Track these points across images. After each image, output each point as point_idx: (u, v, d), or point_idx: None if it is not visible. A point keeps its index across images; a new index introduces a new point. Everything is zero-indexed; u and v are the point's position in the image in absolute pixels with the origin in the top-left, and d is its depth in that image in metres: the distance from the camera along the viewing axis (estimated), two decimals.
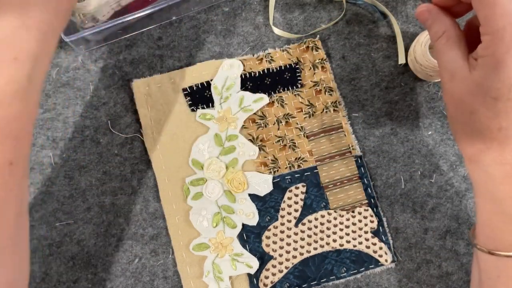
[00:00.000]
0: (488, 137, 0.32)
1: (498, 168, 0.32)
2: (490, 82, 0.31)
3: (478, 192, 0.35)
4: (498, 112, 0.31)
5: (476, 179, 0.34)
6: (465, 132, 0.34)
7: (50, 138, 0.48)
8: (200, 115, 0.48)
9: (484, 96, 0.31)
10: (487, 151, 0.32)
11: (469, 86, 0.32)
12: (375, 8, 0.51)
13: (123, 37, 0.49)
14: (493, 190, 0.33)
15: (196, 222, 0.46)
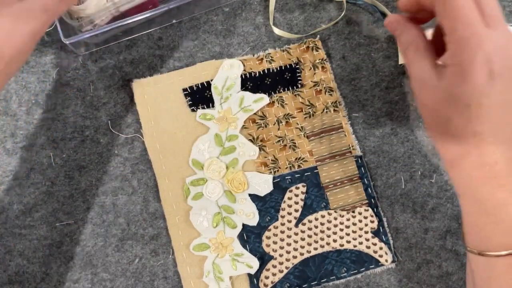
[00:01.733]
0: (464, 143, 0.33)
1: (477, 171, 0.33)
2: (460, 89, 0.32)
3: (462, 195, 0.35)
4: (470, 118, 0.32)
5: (458, 183, 0.35)
6: (442, 138, 0.34)
7: (50, 138, 0.48)
8: (200, 115, 0.48)
9: (456, 103, 0.32)
10: (466, 156, 0.33)
11: (440, 94, 0.33)
12: (375, 8, 0.51)
13: (123, 40, 0.49)
14: (475, 192, 0.33)
15: (196, 222, 0.46)
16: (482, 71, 0.31)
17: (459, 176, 0.34)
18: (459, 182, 0.35)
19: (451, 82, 0.32)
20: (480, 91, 0.31)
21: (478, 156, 0.32)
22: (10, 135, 0.48)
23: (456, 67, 0.32)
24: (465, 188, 0.34)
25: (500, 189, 0.32)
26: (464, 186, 0.34)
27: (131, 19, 0.44)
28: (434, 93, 0.33)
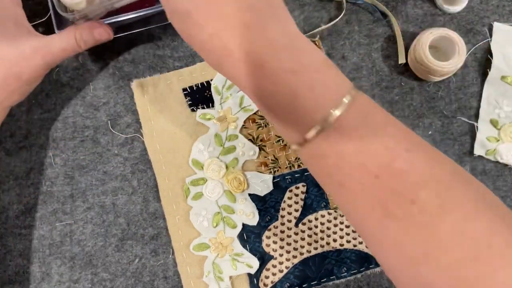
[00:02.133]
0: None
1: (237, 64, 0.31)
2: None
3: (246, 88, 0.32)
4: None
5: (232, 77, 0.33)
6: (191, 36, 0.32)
7: (50, 138, 0.48)
8: (200, 115, 0.48)
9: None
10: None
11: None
12: (375, 8, 0.51)
13: (122, 35, 0.49)
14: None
15: (196, 222, 0.46)
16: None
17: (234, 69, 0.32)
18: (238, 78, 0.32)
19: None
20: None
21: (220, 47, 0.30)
22: (10, 135, 0.48)
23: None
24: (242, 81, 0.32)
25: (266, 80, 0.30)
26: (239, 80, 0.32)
27: (125, 16, 0.44)
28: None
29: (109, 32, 0.43)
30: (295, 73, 0.30)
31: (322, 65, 0.31)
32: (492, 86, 0.49)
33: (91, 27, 0.42)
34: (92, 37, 0.42)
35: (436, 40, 0.48)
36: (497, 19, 0.51)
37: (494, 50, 0.50)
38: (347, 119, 0.29)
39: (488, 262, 0.26)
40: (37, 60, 0.40)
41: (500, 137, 0.48)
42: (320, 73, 0.30)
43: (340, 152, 0.29)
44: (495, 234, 0.27)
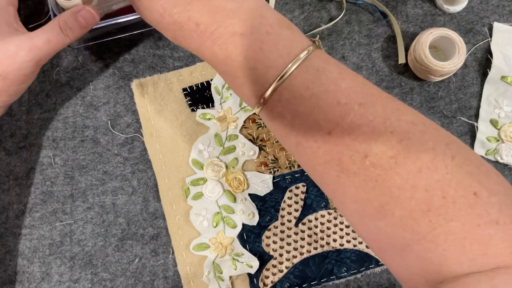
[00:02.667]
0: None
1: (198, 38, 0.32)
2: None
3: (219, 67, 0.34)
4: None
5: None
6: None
7: (50, 138, 0.48)
8: (200, 115, 0.48)
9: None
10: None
11: None
12: (375, 8, 0.51)
13: (121, 36, 0.49)
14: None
15: (196, 222, 0.46)
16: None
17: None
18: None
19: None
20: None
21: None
22: (10, 135, 0.48)
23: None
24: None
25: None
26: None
27: (123, 18, 0.44)
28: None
29: (93, 14, 0.42)
30: (244, 35, 0.30)
31: (274, 26, 0.31)
32: (492, 86, 0.49)
33: (74, 12, 0.40)
34: (77, 22, 0.41)
35: (436, 40, 0.48)
36: (497, 19, 0.51)
37: (494, 50, 0.50)
38: (299, 77, 0.29)
39: (440, 213, 0.26)
40: (22, 57, 0.38)
41: (500, 137, 0.48)
42: (271, 34, 0.30)
43: (294, 111, 0.30)
44: (450, 185, 0.26)
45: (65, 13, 0.41)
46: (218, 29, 0.31)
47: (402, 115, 0.29)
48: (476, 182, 0.27)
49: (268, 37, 0.30)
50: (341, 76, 0.30)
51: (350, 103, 0.29)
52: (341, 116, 0.28)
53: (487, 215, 0.26)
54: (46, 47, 0.39)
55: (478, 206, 0.26)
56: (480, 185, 0.27)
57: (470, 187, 0.26)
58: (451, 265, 0.26)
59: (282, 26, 0.31)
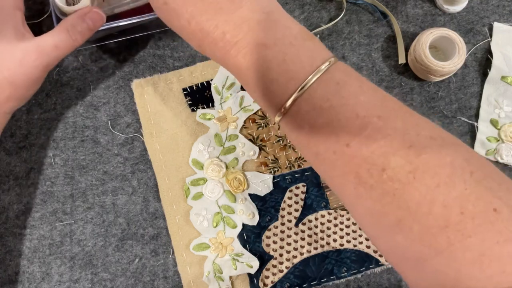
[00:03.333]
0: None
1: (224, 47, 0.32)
2: None
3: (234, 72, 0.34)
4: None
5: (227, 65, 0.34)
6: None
7: (50, 138, 0.48)
8: (200, 115, 0.48)
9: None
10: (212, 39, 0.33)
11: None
12: (375, 8, 0.51)
13: (122, 39, 0.49)
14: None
15: (196, 222, 0.46)
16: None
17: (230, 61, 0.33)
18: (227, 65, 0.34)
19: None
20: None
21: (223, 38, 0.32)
22: (10, 135, 0.48)
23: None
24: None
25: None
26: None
27: (125, 22, 0.44)
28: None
29: (101, 15, 0.42)
30: (267, 46, 0.30)
31: (297, 37, 0.31)
32: (492, 86, 0.49)
33: (81, 15, 0.41)
34: (85, 25, 0.41)
35: (436, 40, 0.48)
36: (497, 19, 0.51)
37: (494, 50, 0.50)
38: (319, 89, 0.29)
39: (459, 228, 0.26)
40: (30, 63, 0.39)
41: (500, 137, 0.48)
42: (294, 45, 0.31)
43: (313, 123, 0.30)
44: (469, 200, 0.26)
45: (73, 16, 0.41)
46: (244, 39, 0.31)
47: (421, 129, 0.29)
48: (496, 198, 0.26)
49: (292, 49, 0.31)
50: (361, 90, 0.30)
51: (368, 116, 0.29)
52: (359, 129, 0.28)
53: (508, 232, 0.25)
54: (54, 52, 0.40)
55: (498, 222, 0.26)
56: (501, 201, 0.26)
57: (490, 203, 0.26)
58: (468, 281, 0.26)
59: (305, 38, 0.31)
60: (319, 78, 0.30)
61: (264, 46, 0.30)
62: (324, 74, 0.30)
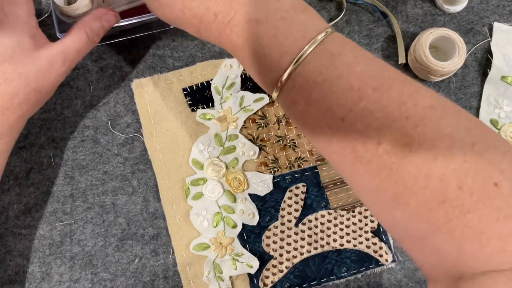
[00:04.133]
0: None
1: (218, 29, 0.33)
2: None
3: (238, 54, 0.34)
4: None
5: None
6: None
7: (50, 138, 0.48)
8: (200, 115, 0.48)
9: None
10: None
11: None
12: (375, 8, 0.51)
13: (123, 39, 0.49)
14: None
15: (196, 222, 0.46)
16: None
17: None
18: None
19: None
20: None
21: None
22: None
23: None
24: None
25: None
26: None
27: (125, 22, 0.44)
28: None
29: (116, 16, 0.43)
30: (258, 22, 0.30)
31: (289, 10, 0.31)
32: (492, 86, 0.49)
33: (98, 17, 0.41)
34: (102, 28, 0.42)
35: (436, 40, 0.48)
36: (497, 19, 0.51)
37: (494, 50, 0.50)
38: (312, 62, 0.29)
39: (456, 204, 0.25)
40: (55, 70, 0.40)
41: None
42: (285, 19, 0.30)
43: (308, 97, 0.29)
44: (468, 174, 0.25)
45: (90, 19, 0.41)
46: (235, 16, 0.31)
47: (420, 99, 0.27)
48: (498, 171, 0.25)
49: (283, 22, 0.30)
50: (356, 60, 0.29)
51: (363, 88, 0.28)
52: (354, 102, 0.27)
53: (508, 209, 0.24)
54: (77, 57, 0.41)
55: (498, 198, 0.24)
56: (502, 175, 0.25)
57: (490, 177, 0.25)
58: (468, 260, 0.25)
59: (298, 10, 0.31)
60: (313, 50, 0.29)
61: (255, 22, 0.30)
62: (318, 46, 0.29)
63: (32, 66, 0.39)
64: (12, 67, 0.38)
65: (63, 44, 0.40)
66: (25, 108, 0.40)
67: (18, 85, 0.39)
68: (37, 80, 0.39)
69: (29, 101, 0.40)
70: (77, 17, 0.43)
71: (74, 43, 0.40)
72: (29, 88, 0.39)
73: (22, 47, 0.39)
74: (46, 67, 0.39)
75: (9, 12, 0.39)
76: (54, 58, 0.40)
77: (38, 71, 0.39)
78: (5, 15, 0.39)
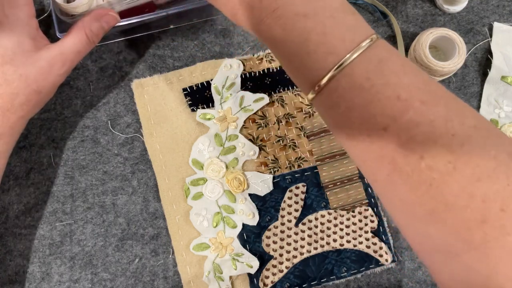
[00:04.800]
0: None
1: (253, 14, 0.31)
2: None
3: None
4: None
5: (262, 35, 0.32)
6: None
7: (50, 138, 0.48)
8: (200, 115, 0.48)
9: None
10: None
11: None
12: (375, 8, 0.51)
13: (123, 39, 0.49)
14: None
15: (196, 222, 0.46)
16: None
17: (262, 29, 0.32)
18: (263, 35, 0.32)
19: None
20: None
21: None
22: None
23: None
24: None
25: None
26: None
27: (125, 21, 0.44)
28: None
29: (116, 17, 0.43)
30: (307, 17, 0.29)
31: (338, 10, 0.29)
32: (492, 86, 0.49)
33: (97, 18, 0.41)
34: (102, 28, 0.42)
35: (436, 40, 0.48)
36: (497, 19, 0.51)
37: (494, 50, 0.50)
38: (360, 66, 0.28)
39: (497, 226, 0.25)
40: (55, 71, 0.40)
41: None
42: (335, 18, 0.29)
43: (350, 102, 0.28)
44: (511, 197, 0.25)
45: (89, 20, 0.41)
46: (281, 7, 0.29)
47: (466, 118, 0.27)
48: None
49: (332, 21, 0.29)
50: (404, 69, 0.28)
51: (410, 99, 0.27)
52: (400, 112, 0.27)
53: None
54: (77, 57, 0.41)
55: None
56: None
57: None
58: (500, 279, 0.25)
59: (347, 12, 0.30)
60: (360, 54, 0.28)
61: (303, 16, 0.29)
62: (366, 50, 0.28)
63: (32, 67, 0.39)
64: (13, 69, 0.38)
65: (62, 45, 0.40)
66: (26, 109, 0.40)
67: (19, 86, 0.39)
68: (37, 81, 0.39)
69: (30, 102, 0.40)
70: (77, 15, 0.43)
71: (74, 44, 0.41)
72: (30, 89, 0.39)
73: (22, 49, 0.39)
74: (46, 68, 0.40)
75: (10, 13, 0.39)
76: (54, 59, 0.40)
77: (38, 72, 0.39)
78: (6, 16, 0.39)
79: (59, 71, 0.40)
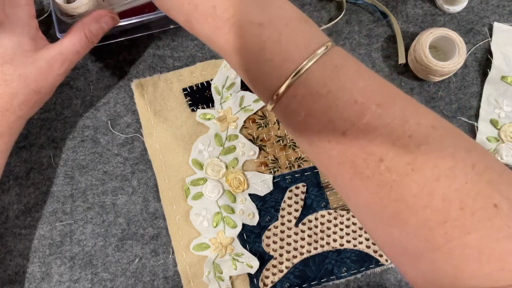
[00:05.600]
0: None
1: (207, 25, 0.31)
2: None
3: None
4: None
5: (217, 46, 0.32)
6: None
7: (50, 138, 0.48)
8: (200, 115, 0.48)
9: None
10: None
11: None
12: (375, 8, 0.51)
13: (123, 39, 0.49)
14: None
15: (196, 222, 0.46)
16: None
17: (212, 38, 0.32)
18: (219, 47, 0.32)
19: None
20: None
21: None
22: None
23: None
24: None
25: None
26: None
27: (125, 21, 0.44)
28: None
29: (115, 18, 0.43)
30: (262, 25, 0.29)
31: (293, 19, 0.30)
32: (492, 86, 0.49)
33: (97, 19, 0.42)
34: (101, 29, 0.42)
35: (436, 40, 0.48)
36: (497, 19, 0.51)
37: (494, 50, 0.50)
38: (316, 73, 0.28)
39: (457, 225, 0.25)
40: (55, 71, 0.40)
41: (500, 137, 0.48)
42: (290, 26, 0.29)
43: (309, 108, 0.28)
44: (469, 195, 0.25)
45: (89, 20, 0.41)
46: (236, 15, 0.29)
47: (422, 118, 0.27)
48: (496, 192, 0.25)
49: (287, 29, 0.29)
50: (359, 74, 0.29)
51: (367, 103, 0.27)
52: (357, 116, 0.27)
53: (507, 229, 0.25)
54: (75, 57, 0.41)
55: (498, 218, 0.25)
56: (501, 196, 0.25)
57: (490, 198, 0.25)
58: (466, 278, 0.25)
59: (301, 20, 0.30)
60: (316, 61, 0.28)
61: (258, 25, 0.29)
62: (321, 57, 0.28)
63: (31, 67, 0.39)
64: (12, 68, 0.38)
65: (62, 45, 0.41)
66: (25, 109, 0.40)
67: (18, 86, 0.39)
68: (36, 81, 0.39)
69: (29, 102, 0.40)
70: (77, 16, 0.43)
71: (73, 44, 0.41)
72: (29, 89, 0.39)
73: (22, 49, 0.39)
74: (45, 68, 0.40)
75: (10, 13, 0.39)
76: (53, 59, 0.40)
77: (37, 72, 0.39)
78: (6, 16, 0.39)
79: (58, 71, 0.40)
